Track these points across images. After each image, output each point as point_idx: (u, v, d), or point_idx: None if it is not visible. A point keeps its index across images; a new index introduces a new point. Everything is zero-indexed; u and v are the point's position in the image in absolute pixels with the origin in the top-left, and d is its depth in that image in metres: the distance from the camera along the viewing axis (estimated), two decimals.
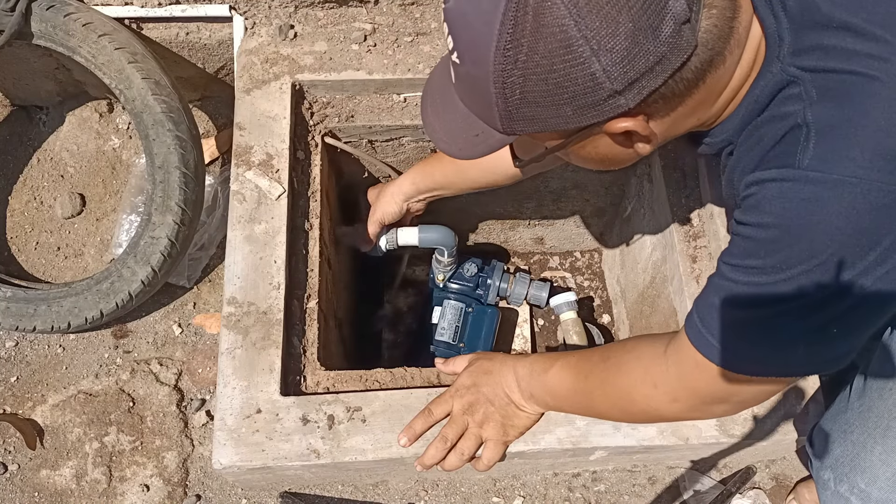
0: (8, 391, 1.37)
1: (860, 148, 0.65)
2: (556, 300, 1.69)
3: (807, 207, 0.67)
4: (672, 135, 0.78)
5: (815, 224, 0.67)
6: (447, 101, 0.78)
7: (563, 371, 0.97)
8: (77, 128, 1.61)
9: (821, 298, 0.69)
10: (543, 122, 0.70)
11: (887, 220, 0.66)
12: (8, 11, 1.24)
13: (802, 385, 1.08)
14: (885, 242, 0.66)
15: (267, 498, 1.27)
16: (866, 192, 0.65)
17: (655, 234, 1.40)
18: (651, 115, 0.71)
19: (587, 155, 0.79)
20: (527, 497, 1.28)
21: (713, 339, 0.78)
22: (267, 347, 1.08)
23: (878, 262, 0.67)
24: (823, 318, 0.71)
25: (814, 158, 0.67)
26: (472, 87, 0.71)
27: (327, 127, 1.35)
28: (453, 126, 0.78)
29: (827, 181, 0.66)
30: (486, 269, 1.65)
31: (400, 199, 1.36)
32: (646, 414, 0.91)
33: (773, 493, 1.31)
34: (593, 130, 0.71)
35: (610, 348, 0.96)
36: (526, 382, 1.00)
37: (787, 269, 0.70)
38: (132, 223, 1.50)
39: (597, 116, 0.68)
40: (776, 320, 0.73)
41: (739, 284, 0.74)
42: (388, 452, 1.02)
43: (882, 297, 0.70)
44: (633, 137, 0.74)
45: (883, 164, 0.65)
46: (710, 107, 0.76)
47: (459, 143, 0.78)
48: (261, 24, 1.34)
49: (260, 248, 1.15)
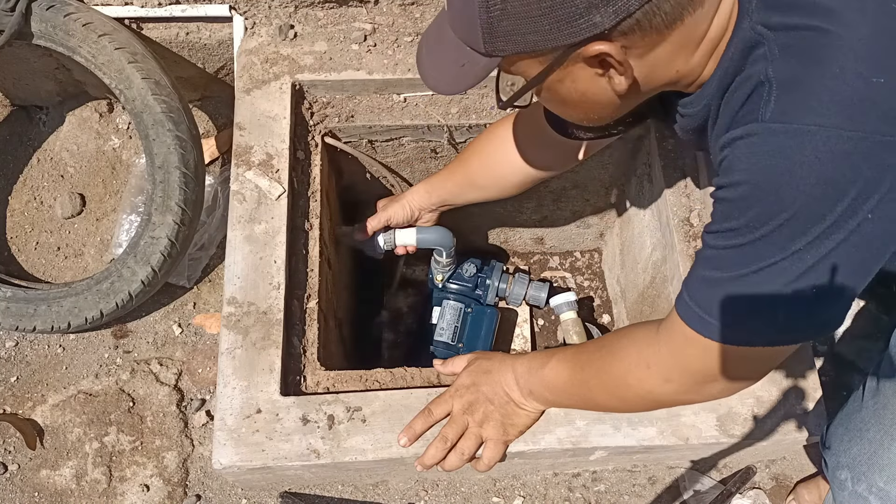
0: (8, 391, 1.37)
1: (818, 98, 0.66)
2: (556, 300, 1.69)
3: (771, 160, 0.68)
4: (652, 81, 0.78)
5: (780, 176, 0.68)
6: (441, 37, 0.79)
7: (560, 364, 0.97)
8: (77, 128, 1.61)
9: (794, 255, 0.70)
10: (522, 39, 0.71)
11: (851, 168, 0.66)
12: (8, 11, 1.24)
13: (803, 385, 1.08)
14: (853, 192, 0.67)
15: (267, 498, 1.27)
16: (826, 139, 0.66)
17: (655, 234, 1.40)
18: (629, 47, 0.72)
19: (567, 93, 0.79)
20: (527, 497, 1.28)
21: (700, 310, 0.78)
22: (267, 347, 1.08)
23: (847, 213, 0.67)
24: (799, 276, 0.71)
25: (775, 111, 0.68)
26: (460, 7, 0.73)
27: (327, 127, 1.36)
28: (443, 61, 0.80)
29: (788, 131, 0.67)
30: (485, 270, 1.65)
31: (413, 207, 1.38)
32: (641, 399, 0.91)
33: (773, 493, 1.31)
34: (570, 56, 0.72)
35: (605, 337, 0.97)
36: (524, 379, 1.00)
37: (761, 226, 0.71)
38: (132, 223, 1.50)
39: (573, 35, 0.69)
40: (754, 283, 0.73)
41: (719, 250, 0.76)
42: (388, 452, 1.02)
43: (857, 252, 0.70)
44: (610, 68, 0.74)
45: (840, 111, 0.66)
46: (690, 57, 0.77)
47: (447, 77, 0.80)
48: (261, 24, 1.34)
49: (260, 248, 1.15)
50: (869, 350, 1.46)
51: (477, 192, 1.31)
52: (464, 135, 1.44)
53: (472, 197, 1.33)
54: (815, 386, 1.09)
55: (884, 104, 0.66)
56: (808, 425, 1.06)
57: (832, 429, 1.04)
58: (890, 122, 0.66)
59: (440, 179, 1.34)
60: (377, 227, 1.40)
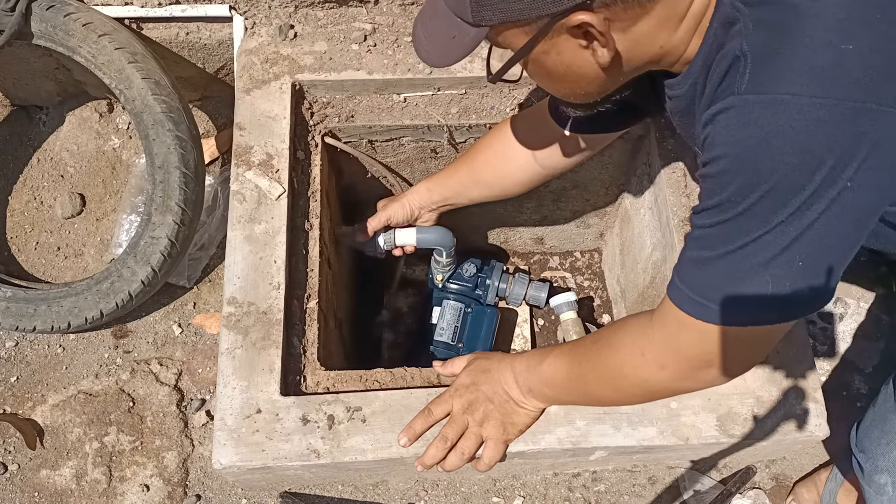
0: (8, 391, 1.37)
1: (790, 67, 0.67)
2: (556, 300, 1.69)
3: (747, 130, 0.69)
4: (636, 57, 0.79)
5: (757, 146, 0.69)
6: (435, 11, 0.81)
7: (558, 360, 0.97)
8: (77, 128, 1.61)
9: (777, 228, 0.71)
10: (508, 7, 0.72)
11: (826, 135, 0.67)
12: (8, 11, 1.24)
13: (803, 385, 1.08)
14: (830, 160, 0.67)
15: (267, 498, 1.27)
16: (799, 107, 0.66)
17: (655, 234, 1.40)
18: (611, 19, 0.73)
19: (553, 64, 0.80)
20: (527, 497, 1.28)
21: (691, 292, 0.78)
22: (267, 347, 1.08)
23: (826, 183, 0.68)
24: (784, 249, 0.71)
25: (749, 83, 0.69)
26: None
27: (327, 127, 1.36)
28: (435, 34, 0.81)
29: (762, 101, 0.68)
30: (485, 270, 1.65)
31: (413, 206, 1.38)
32: (637, 388, 0.91)
33: (773, 493, 1.31)
34: (554, 27, 0.73)
35: (601, 330, 0.97)
36: (524, 377, 1.00)
37: (742, 199, 0.71)
38: (132, 223, 1.50)
39: (556, 4, 0.70)
40: (741, 259, 0.74)
41: (705, 228, 0.76)
42: (388, 452, 1.02)
43: (840, 222, 0.70)
44: (594, 40, 0.75)
45: (812, 79, 0.67)
46: (673, 32, 0.78)
47: (439, 49, 0.81)
48: (261, 24, 1.34)
49: (260, 248, 1.15)
50: (869, 350, 1.46)
51: (480, 190, 1.31)
52: (464, 135, 1.44)
53: (476, 195, 1.33)
54: (815, 386, 1.09)
55: (854, 70, 0.66)
56: (808, 425, 1.06)
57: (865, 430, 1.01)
58: (861, 88, 0.66)
59: (442, 177, 1.34)
60: (377, 226, 1.40)
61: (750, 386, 1.07)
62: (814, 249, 0.72)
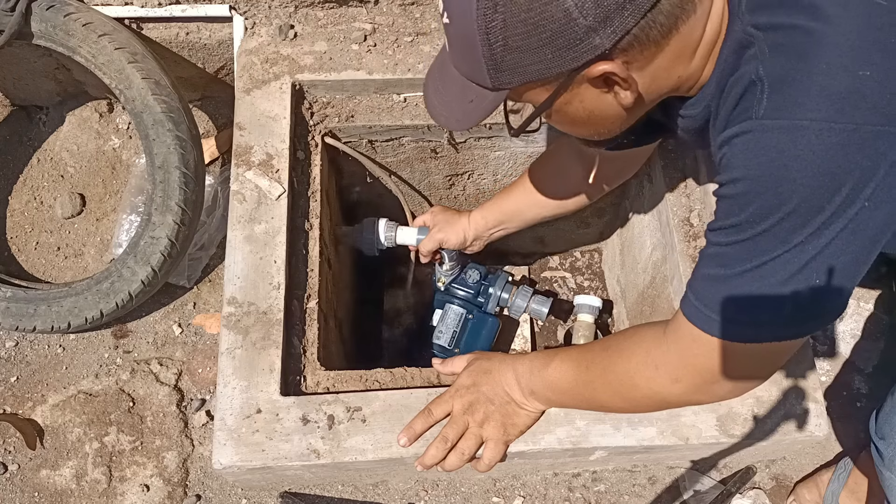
0: (8, 391, 1.37)
1: (808, 93, 0.69)
2: (579, 299, 1.69)
3: (767, 155, 0.70)
4: (655, 91, 0.80)
5: (777, 170, 0.70)
6: (445, 76, 0.82)
7: (564, 364, 0.97)
8: (77, 128, 1.61)
9: (796, 248, 0.72)
10: (528, 70, 0.73)
11: (845, 159, 0.68)
12: (8, 11, 1.24)
13: (803, 385, 1.08)
14: (850, 182, 0.68)
15: (267, 498, 1.27)
16: (819, 132, 0.68)
17: (655, 234, 1.40)
18: (630, 62, 0.73)
19: (576, 113, 0.81)
20: (527, 497, 1.28)
21: (706, 309, 0.79)
22: (267, 347, 1.08)
23: (846, 203, 0.69)
24: (802, 268, 0.73)
25: (768, 108, 0.70)
26: (461, 45, 0.75)
27: (327, 127, 1.35)
28: (450, 98, 0.82)
29: (782, 127, 0.69)
30: (489, 277, 1.63)
31: (469, 235, 1.40)
32: (649, 399, 0.91)
33: (773, 493, 1.31)
34: (575, 79, 0.74)
35: (610, 337, 0.97)
36: (526, 379, 1.00)
37: (762, 220, 0.72)
38: (132, 223, 1.50)
39: (576, 59, 0.71)
40: (758, 277, 0.75)
41: (722, 246, 0.77)
42: (388, 452, 1.02)
43: (856, 239, 0.71)
44: (615, 84, 0.76)
45: (831, 105, 0.68)
46: (689, 63, 0.78)
47: (457, 114, 0.82)
48: (261, 24, 1.34)
49: (260, 248, 1.15)
50: (869, 350, 1.46)
51: (537, 211, 1.34)
52: (464, 135, 1.45)
53: (532, 216, 1.36)
54: (815, 386, 1.09)
55: (871, 97, 0.67)
56: (808, 425, 1.06)
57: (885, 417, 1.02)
58: (879, 114, 0.67)
59: (497, 202, 1.37)
60: (431, 248, 1.43)
61: None
62: (831, 267, 0.73)
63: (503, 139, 1.48)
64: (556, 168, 1.29)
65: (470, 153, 1.54)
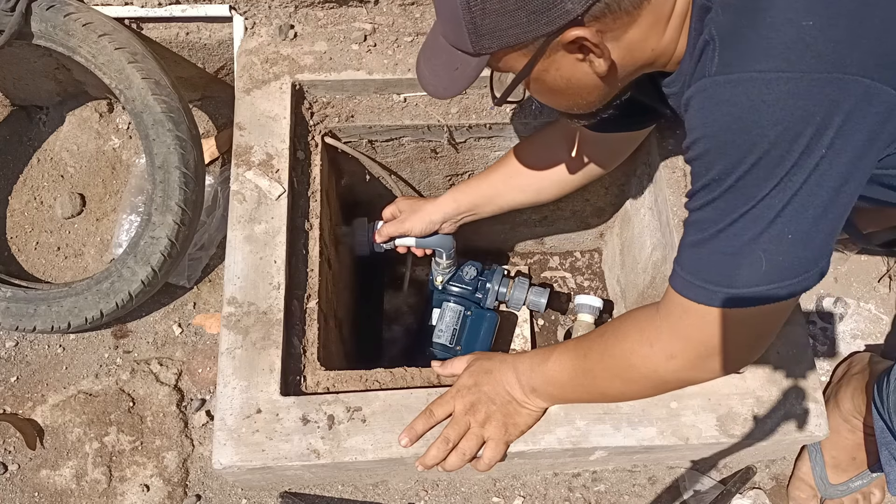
0: (8, 391, 1.37)
1: (756, 47, 0.71)
2: (579, 299, 1.69)
3: (721, 109, 0.72)
4: (630, 62, 0.83)
5: (732, 123, 0.71)
6: (435, 46, 0.86)
7: (563, 356, 0.98)
8: (77, 128, 1.61)
9: (763, 201, 0.72)
10: (505, 34, 0.77)
11: (797, 107, 0.69)
12: (8, 11, 1.24)
13: (803, 385, 1.08)
14: (807, 132, 0.69)
15: (267, 498, 1.27)
16: (767, 82, 0.69)
17: (655, 234, 1.40)
18: (603, 30, 0.77)
19: (554, 80, 0.84)
20: (527, 497, 1.28)
21: (690, 276, 0.80)
22: (267, 347, 1.08)
23: (806, 153, 0.70)
24: (773, 221, 0.73)
25: (719, 64, 0.73)
26: (446, 11, 0.79)
27: (327, 127, 1.35)
28: (438, 67, 0.86)
29: (731, 81, 0.71)
30: (485, 273, 1.64)
31: (436, 219, 1.37)
32: (646, 379, 0.91)
33: (773, 493, 1.31)
34: (550, 45, 0.78)
35: (606, 324, 0.98)
36: (527, 377, 1.00)
37: (727, 177, 0.74)
38: (132, 223, 1.50)
39: (549, 24, 0.75)
40: (732, 235, 0.75)
41: (697, 211, 0.79)
42: (388, 452, 1.02)
43: (823, 189, 0.72)
44: (589, 52, 0.79)
45: (776, 55, 0.69)
46: (661, 35, 0.81)
47: (444, 82, 0.86)
48: (261, 24, 1.34)
49: (260, 248, 1.15)
50: (869, 350, 1.46)
51: (514, 196, 1.32)
52: (464, 135, 1.44)
53: (508, 201, 1.33)
54: (815, 386, 1.09)
55: (815, 45, 0.69)
56: (808, 425, 1.06)
57: None
58: (825, 61, 0.69)
59: (472, 185, 1.35)
60: (391, 233, 1.41)
61: (750, 386, 1.07)
62: (802, 220, 0.73)
63: (503, 139, 1.48)
64: (539, 149, 1.28)
65: (470, 153, 1.54)
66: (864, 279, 1.52)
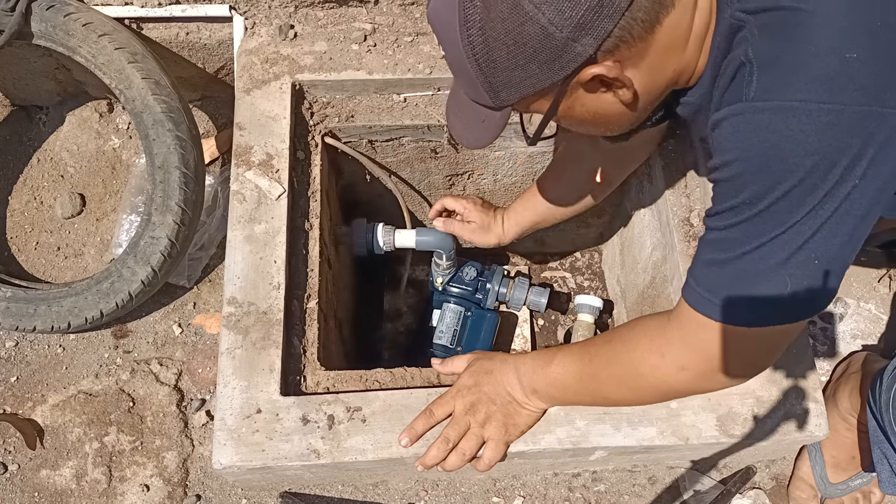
0: (8, 391, 1.37)
1: (797, 75, 0.70)
2: (579, 299, 1.69)
3: (759, 136, 0.71)
4: (654, 85, 0.82)
5: (770, 150, 0.71)
6: (459, 101, 0.87)
7: (567, 359, 0.97)
8: (77, 128, 1.61)
9: (793, 228, 0.73)
10: (522, 86, 0.76)
11: (835, 139, 0.69)
12: (8, 11, 1.24)
13: (803, 385, 1.08)
14: (843, 162, 0.69)
15: (267, 498, 1.27)
16: (808, 112, 0.69)
17: (655, 234, 1.40)
18: (621, 60, 0.75)
19: (581, 115, 0.83)
20: (527, 497, 1.28)
21: (709, 294, 0.80)
22: (267, 347, 1.08)
23: (839, 183, 0.70)
24: (800, 248, 0.74)
25: (758, 90, 0.72)
26: (460, 73, 0.79)
27: (327, 127, 1.35)
28: (467, 121, 0.87)
29: (772, 108, 0.70)
30: (485, 274, 1.64)
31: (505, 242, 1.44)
32: (655, 389, 0.91)
33: (773, 493, 1.31)
34: (569, 86, 0.77)
35: (613, 330, 0.98)
36: (528, 378, 1.00)
37: (758, 202, 0.73)
38: (132, 223, 1.50)
39: (563, 68, 0.74)
40: (757, 259, 0.75)
41: (720, 230, 0.78)
42: (388, 452, 1.02)
43: (850, 218, 0.73)
44: (610, 85, 0.78)
45: (819, 86, 0.69)
46: (682, 54, 0.80)
47: (476, 133, 0.87)
48: (261, 24, 1.34)
49: (260, 248, 1.15)
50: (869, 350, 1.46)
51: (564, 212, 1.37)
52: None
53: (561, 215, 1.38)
54: (815, 386, 1.09)
55: (858, 78, 0.68)
56: (808, 425, 1.06)
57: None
58: (866, 94, 0.68)
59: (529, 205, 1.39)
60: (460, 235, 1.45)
61: (750, 386, 1.07)
62: (828, 247, 0.74)
63: (503, 139, 1.48)
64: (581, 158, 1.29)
65: (470, 153, 1.54)
66: (863, 279, 1.52)
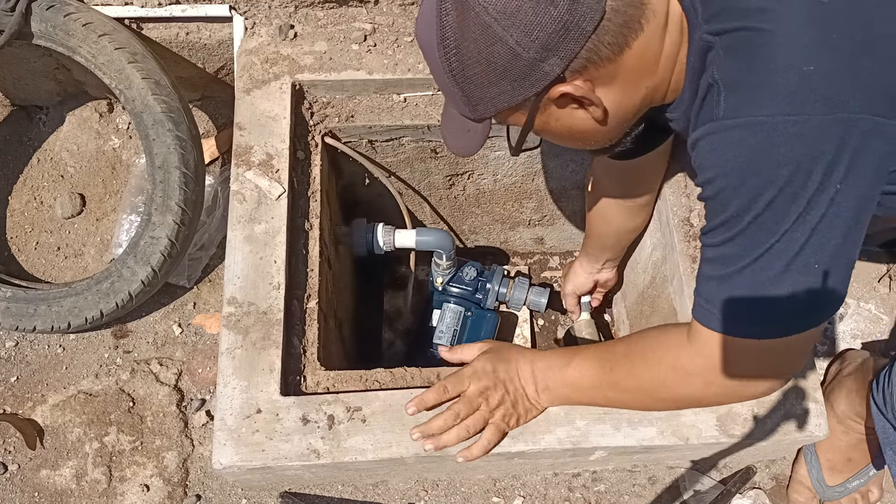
0: (8, 391, 1.37)
1: (761, 92, 0.73)
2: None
3: (733, 151, 0.75)
4: (629, 105, 0.85)
5: (745, 165, 0.74)
6: (448, 112, 0.93)
7: (586, 363, 0.99)
8: (77, 128, 1.61)
9: (785, 236, 0.75)
10: (496, 101, 0.81)
11: (807, 147, 0.72)
12: (8, 11, 1.24)
13: (803, 385, 1.08)
14: (819, 169, 0.72)
15: (267, 498, 1.27)
16: (775, 125, 0.72)
17: (655, 234, 1.40)
18: (591, 80, 0.79)
19: (557, 130, 0.87)
20: (527, 497, 1.28)
21: (719, 312, 0.82)
22: (267, 347, 1.08)
23: (820, 189, 0.73)
24: (798, 255, 0.76)
25: (726, 109, 0.76)
26: (443, 88, 0.85)
27: (327, 127, 1.35)
28: (455, 130, 0.92)
29: (741, 125, 0.74)
30: (485, 274, 1.64)
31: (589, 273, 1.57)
32: (679, 400, 0.96)
33: (773, 493, 1.31)
34: (542, 102, 0.81)
35: (630, 339, 1.00)
36: (542, 375, 1.01)
37: (745, 214, 0.76)
38: (132, 223, 1.50)
39: (533, 86, 0.78)
40: (758, 270, 0.78)
41: (717, 247, 0.81)
42: (388, 452, 1.02)
43: (841, 221, 0.75)
44: (582, 102, 0.81)
45: (782, 100, 0.72)
46: (653, 74, 0.83)
47: (462, 142, 0.92)
48: (261, 24, 1.34)
49: (260, 248, 1.15)
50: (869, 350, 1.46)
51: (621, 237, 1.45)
52: None
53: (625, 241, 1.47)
54: (815, 386, 1.09)
55: (819, 89, 0.72)
56: (808, 425, 1.06)
57: None
58: (828, 103, 0.71)
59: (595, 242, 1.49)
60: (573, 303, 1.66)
61: None
62: (824, 251, 0.76)
63: (503, 139, 1.48)
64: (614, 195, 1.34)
65: None
66: (864, 279, 1.52)
